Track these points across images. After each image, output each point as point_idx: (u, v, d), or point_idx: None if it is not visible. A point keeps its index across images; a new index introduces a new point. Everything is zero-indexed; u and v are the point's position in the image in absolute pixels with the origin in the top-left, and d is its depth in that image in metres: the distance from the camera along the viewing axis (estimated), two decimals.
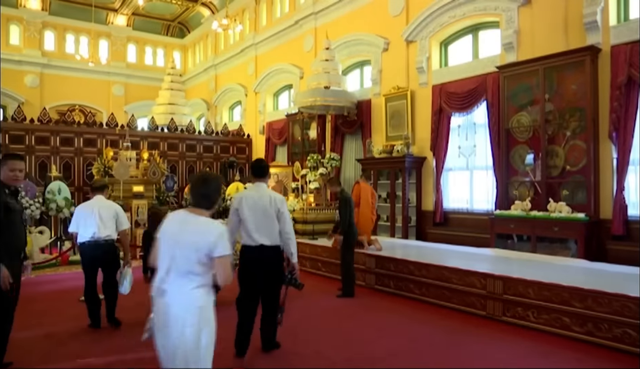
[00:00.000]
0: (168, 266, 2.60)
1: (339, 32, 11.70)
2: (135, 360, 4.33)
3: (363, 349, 4.71)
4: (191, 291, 2.56)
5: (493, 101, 8.20)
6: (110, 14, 19.10)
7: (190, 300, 2.55)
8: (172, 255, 2.59)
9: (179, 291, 2.55)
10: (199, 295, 2.58)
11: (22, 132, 12.00)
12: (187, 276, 2.57)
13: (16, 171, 3.80)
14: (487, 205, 8.63)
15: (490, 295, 5.62)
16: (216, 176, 3.00)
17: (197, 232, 2.60)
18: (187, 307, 2.53)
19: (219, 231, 2.63)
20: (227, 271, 2.61)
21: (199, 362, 2.54)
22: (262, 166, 4.58)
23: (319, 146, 11.78)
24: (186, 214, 2.73)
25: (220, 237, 2.60)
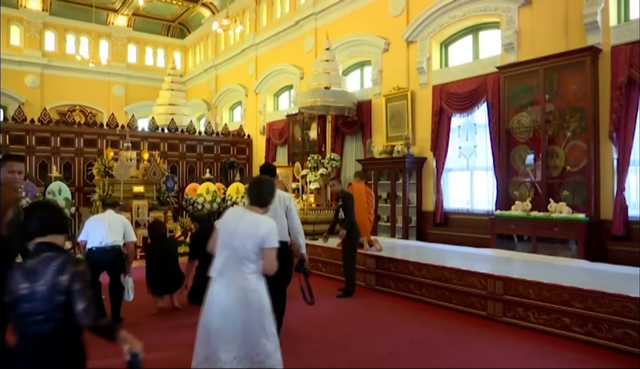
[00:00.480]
0: (227, 255, 2.99)
1: (339, 32, 11.70)
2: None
3: (363, 349, 4.71)
4: (246, 275, 2.95)
5: (493, 101, 8.20)
6: (111, 15, 19.11)
7: (246, 284, 2.94)
8: (230, 244, 2.98)
9: (236, 276, 2.95)
10: (253, 279, 2.97)
11: (22, 133, 12.00)
12: (243, 263, 2.95)
13: (15, 172, 3.71)
14: (487, 205, 8.63)
15: (490, 295, 5.62)
16: (269, 179, 3.36)
17: (251, 226, 3.00)
18: (243, 289, 2.92)
19: (269, 226, 3.04)
20: (272, 261, 3.02)
21: (259, 335, 2.92)
22: (271, 168, 4.95)
23: (319, 147, 11.78)
24: (244, 211, 3.14)
25: (270, 232, 3.00)
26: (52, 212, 2.39)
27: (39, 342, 2.13)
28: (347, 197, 6.88)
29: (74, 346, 2.22)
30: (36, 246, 2.26)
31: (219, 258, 3.02)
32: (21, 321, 2.15)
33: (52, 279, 2.14)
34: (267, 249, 2.98)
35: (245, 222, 3.02)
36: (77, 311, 2.14)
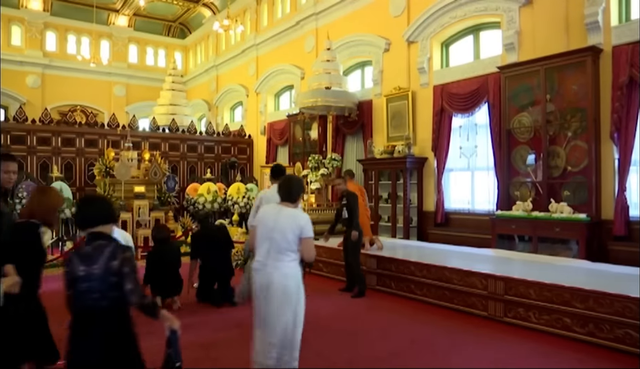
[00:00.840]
0: (268, 246, 3.42)
1: (340, 32, 11.70)
2: None
3: (364, 349, 4.71)
4: (287, 263, 3.41)
5: (494, 101, 8.20)
6: (112, 15, 19.12)
7: (287, 271, 3.40)
8: (271, 237, 3.41)
9: (278, 264, 3.39)
10: (293, 266, 3.43)
11: (23, 133, 12.01)
12: (283, 253, 3.40)
13: (10, 172, 3.68)
14: (488, 205, 8.63)
15: (491, 296, 5.62)
16: (298, 178, 3.90)
17: (290, 219, 3.44)
18: (285, 276, 3.38)
19: (306, 218, 3.49)
20: (312, 249, 3.49)
21: (297, 315, 3.42)
22: (282, 169, 5.63)
23: (320, 147, 11.78)
24: (279, 207, 3.57)
25: (307, 223, 3.45)
26: (103, 205, 2.77)
27: (96, 315, 2.52)
28: (352, 197, 6.89)
29: (124, 319, 2.59)
30: (89, 235, 2.63)
31: (261, 250, 3.47)
32: (80, 298, 2.54)
33: (105, 263, 2.52)
34: (306, 239, 3.44)
35: (284, 216, 3.47)
36: (126, 290, 2.51)
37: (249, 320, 4.23)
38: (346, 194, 6.93)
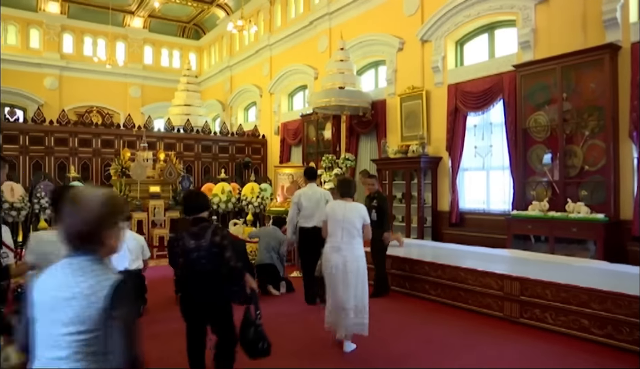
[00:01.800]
0: (341, 233, 4.64)
1: (353, 32, 11.68)
2: None
3: (378, 349, 4.70)
4: (357, 245, 4.68)
5: (510, 100, 8.11)
6: (127, 17, 19.32)
7: (357, 252, 4.67)
8: (342, 226, 4.65)
9: (350, 247, 4.64)
10: (361, 248, 4.74)
11: (41, 134, 12.20)
12: (354, 237, 4.66)
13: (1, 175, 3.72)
14: (503, 205, 8.54)
15: (507, 296, 5.57)
16: (352, 179, 5.24)
17: (354, 210, 4.72)
18: (356, 256, 4.64)
19: (365, 208, 4.82)
20: (370, 231, 4.85)
21: (364, 285, 4.69)
22: (314, 171, 7.02)
23: (334, 147, 11.77)
24: (344, 202, 4.83)
25: (366, 212, 4.79)
26: (202, 198, 3.84)
27: (204, 275, 3.53)
28: (382, 198, 6.85)
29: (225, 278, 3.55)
30: (194, 219, 3.67)
31: (335, 237, 4.67)
32: (192, 264, 3.55)
33: (210, 238, 3.53)
34: (366, 225, 4.75)
35: (349, 209, 4.72)
36: (226, 257, 3.50)
37: None
38: (377, 195, 6.82)
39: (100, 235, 1.63)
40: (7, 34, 17.24)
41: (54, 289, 1.58)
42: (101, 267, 1.62)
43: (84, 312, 1.53)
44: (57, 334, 1.55)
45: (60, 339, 1.54)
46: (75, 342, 1.54)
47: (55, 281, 1.60)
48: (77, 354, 1.53)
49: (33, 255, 3.20)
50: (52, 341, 1.56)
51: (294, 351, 4.65)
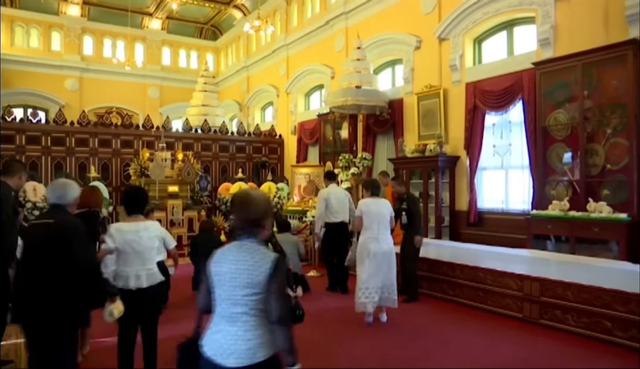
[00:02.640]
0: (377, 226, 5.57)
1: (370, 31, 11.64)
2: None
3: (395, 350, 4.67)
4: (389, 236, 5.69)
5: (529, 98, 8.00)
6: (146, 18, 19.55)
7: (390, 241, 5.69)
8: (378, 220, 5.57)
9: (385, 237, 5.62)
10: (391, 237, 5.72)
11: (63, 135, 12.41)
12: (387, 229, 5.65)
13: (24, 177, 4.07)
14: (523, 205, 8.43)
15: (526, 297, 5.50)
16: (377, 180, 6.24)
17: (385, 206, 5.71)
18: (390, 245, 5.66)
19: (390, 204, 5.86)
20: (393, 222, 5.87)
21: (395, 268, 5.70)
22: (334, 174, 8.31)
23: (351, 146, 11.75)
24: (375, 199, 5.70)
25: (391, 207, 5.80)
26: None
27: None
28: (413, 200, 6.73)
29: None
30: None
31: (372, 230, 5.55)
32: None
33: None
34: (392, 217, 5.78)
35: (381, 205, 5.68)
36: None
37: None
38: (406, 196, 6.71)
39: (264, 223, 2.28)
40: (30, 37, 17.61)
41: (232, 263, 2.20)
42: (262, 247, 2.26)
43: (255, 279, 2.14)
44: (237, 295, 2.16)
45: (240, 299, 2.16)
46: (249, 301, 2.15)
47: (232, 257, 2.22)
48: (251, 310, 2.15)
49: (114, 242, 3.62)
50: (233, 300, 2.18)
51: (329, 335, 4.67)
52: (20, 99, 17.13)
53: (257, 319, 2.18)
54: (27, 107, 16.83)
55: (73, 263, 2.96)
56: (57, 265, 2.94)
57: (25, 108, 16.75)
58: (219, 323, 2.22)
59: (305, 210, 10.29)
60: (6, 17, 17.07)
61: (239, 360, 2.12)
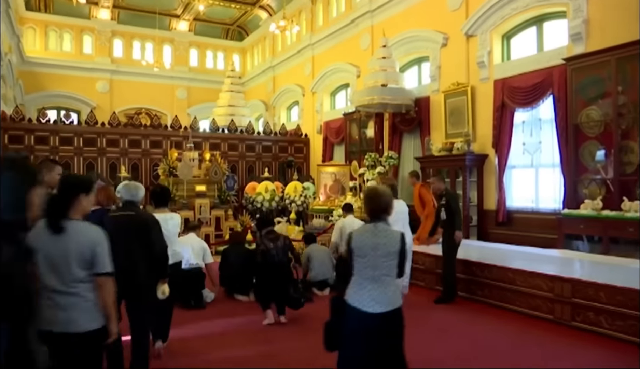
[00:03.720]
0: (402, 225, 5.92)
1: (396, 29, 11.56)
2: None
3: (423, 350, 4.63)
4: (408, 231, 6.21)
5: (560, 95, 7.82)
6: (173, 20, 19.86)
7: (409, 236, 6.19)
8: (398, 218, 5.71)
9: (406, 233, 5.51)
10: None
11: (94, 136, 12.72)
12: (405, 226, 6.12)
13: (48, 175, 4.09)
14: (554, 204, 8.24)
15: (557, 298, 5.37)
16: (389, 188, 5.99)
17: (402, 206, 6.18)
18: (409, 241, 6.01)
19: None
20: None
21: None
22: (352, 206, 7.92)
23: (377, 145, 11.69)
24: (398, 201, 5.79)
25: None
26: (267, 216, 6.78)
27: (278, 266, 5.61)
28: (453, 196, 6.65)
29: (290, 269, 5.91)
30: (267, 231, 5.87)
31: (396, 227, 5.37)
32: (271, 258, 5.58)
33: (282, 242, 5.75)
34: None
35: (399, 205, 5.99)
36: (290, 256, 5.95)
37: None
38: (446, 193, 6.61)
39: (389, 210, 3.16)
40: (63, 41, 18.10)
41: (371, 239, 3.06)
42: (390, 228, 3.14)
43: (390, 250, 3.04)
44: (378, 262, 3.02)
45: (381, 264, 3.03)
46: (388, 265, 3.04)
47: (370, 235, 3.08)
48: (389, 271, 3.05)
49: None
50: (375, 266, 3.03)
51: None
52: (53, 101, 17.65)
53: (392, 279, 3.09)
54: (61, 109, 17.32)
55: (151, 247, 3.76)
56: (139, 248, 3.72)
57: (58, 110, 17.25)
58: (362, 283, 3.06)
59: (331, 209, 10.29)
60: (41, 23, 17.61)
61: (382, 307, 3.01)
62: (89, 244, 2.65)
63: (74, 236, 2.63)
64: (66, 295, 2.62)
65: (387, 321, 3.05)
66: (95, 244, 2.67)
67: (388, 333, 3.08)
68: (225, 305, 6.41)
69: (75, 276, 2.61)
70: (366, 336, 3.02)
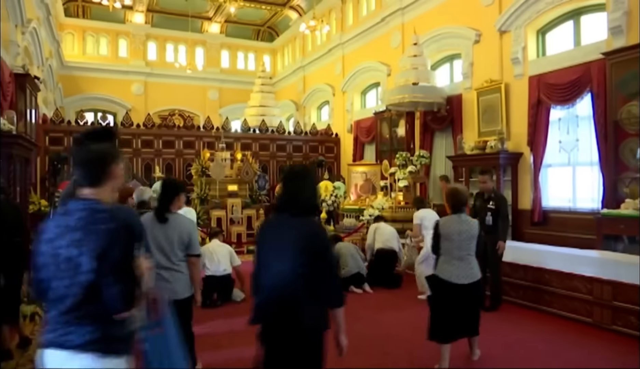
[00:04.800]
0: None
1: (427, 26, 11.42)
2: None
3: (456, 351, 4.55)
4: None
5: (599, 90, 7.57)
6: (205, 23, 20.16)
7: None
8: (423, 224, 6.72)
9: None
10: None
11: (129, 137, 13.04)
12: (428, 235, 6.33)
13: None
14: (592, 204, 7.99)
15: (597, 301, 5.21)
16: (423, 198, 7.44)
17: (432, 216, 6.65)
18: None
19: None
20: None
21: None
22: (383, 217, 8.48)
23: (408, 144, 11.59)
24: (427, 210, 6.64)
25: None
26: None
27: None
28: (504, 201, 6.12)
29: None
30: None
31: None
32: None
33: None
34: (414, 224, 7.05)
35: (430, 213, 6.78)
36: None
37: None
38: (494, 196, 6.05)
39: (467, 204, 4.14)
40: (100, 46, 18.62)
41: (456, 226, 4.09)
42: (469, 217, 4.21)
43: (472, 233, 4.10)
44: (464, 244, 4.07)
45: (465, 245, 4.06)
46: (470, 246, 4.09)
47: (455, 223, 4.11)
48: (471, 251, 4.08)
49: None
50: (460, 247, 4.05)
51: None
52: (91, 104, 18.17)
53: (473, 257, 4.08)
54: (98, 111, 17.80)
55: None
56: None
57: (95, 112, 17.73)
58: (450, 261, 4.06)
59: (362, 208, 10.25)
60: (79, 28, 18.17)
61: (467, 280, 4.01)
62: (186, 231, 3.53)
63: (175, 224, 3.49)
64: (170, 271, 3.44)
65: (470, 291, 4.07)
66: (190, 231, 3.56)
67: (471, 299, 4.11)
68: None
69: (177, 255, 3.46)
70: (454, 302, 4.02)
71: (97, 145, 2.03)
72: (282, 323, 2.39)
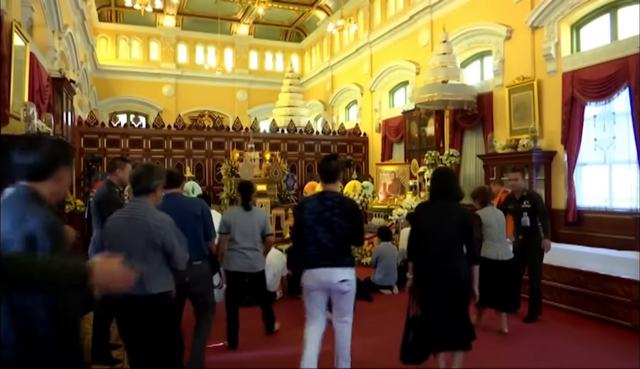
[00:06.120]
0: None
1: (456, 23, 11.26)
2: None
3: (487, 354, 4.49)
4: None
5: (637, 86, 7.31)
6: (234, 25, 20.38)
7: None
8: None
9: None
10: None
11: (161, 138, 13.28)
12: None
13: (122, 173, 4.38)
14: (630, 203, 7.73)
15: (636, 304, 5.04)
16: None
17: None
18: None
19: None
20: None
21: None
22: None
23: (437, 143, 11.46)
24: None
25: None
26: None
27: None
28: (537, 197, 5.83)
29: None
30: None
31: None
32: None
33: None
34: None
35: None
36: None
37: None
38: (528, 195, 5.73)
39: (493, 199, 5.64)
40: (132, 49, 19.05)
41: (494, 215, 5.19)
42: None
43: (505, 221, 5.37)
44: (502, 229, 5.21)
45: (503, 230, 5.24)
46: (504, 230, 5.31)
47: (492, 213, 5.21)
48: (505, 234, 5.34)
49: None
50: (501, 231, 5.19)
51: None
52: (124, 106, 18.62)
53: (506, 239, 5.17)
54: (130, 113, 18.24)
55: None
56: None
57: (128, 114, 18.17)
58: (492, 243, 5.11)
59: (390, 208, 10.19)
60: (112, 32, 18.63)
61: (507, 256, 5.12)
62: (263, 218, 4.92)
63: (256, 213, 4.86)
64: (253, 250, 4.75)
65: (509, 266, 5.11)
66: (266, 217, 5.00)
67: (511, 272, 5.11)
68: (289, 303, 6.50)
69: (257, 238, 4.76)
70: (497, 276, 4.98)
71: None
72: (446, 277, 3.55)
